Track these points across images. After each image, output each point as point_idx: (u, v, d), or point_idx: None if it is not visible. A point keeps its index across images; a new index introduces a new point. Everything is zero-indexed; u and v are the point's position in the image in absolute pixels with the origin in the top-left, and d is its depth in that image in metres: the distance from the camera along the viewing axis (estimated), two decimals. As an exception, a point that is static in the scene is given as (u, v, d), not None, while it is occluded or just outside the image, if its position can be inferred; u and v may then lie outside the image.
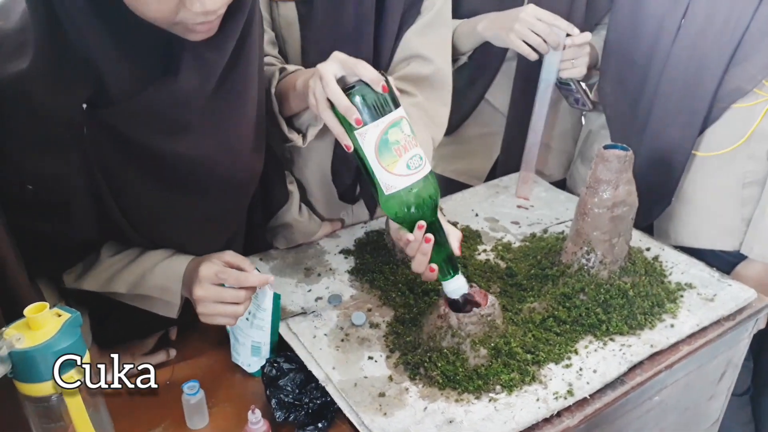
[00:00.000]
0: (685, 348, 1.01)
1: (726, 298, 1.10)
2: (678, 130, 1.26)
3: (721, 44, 1.17)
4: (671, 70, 1.24)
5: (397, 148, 0.87)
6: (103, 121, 0.82)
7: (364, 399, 0.89)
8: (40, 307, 0.70)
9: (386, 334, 1.02)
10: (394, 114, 0.86)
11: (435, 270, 0.93)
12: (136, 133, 0.84)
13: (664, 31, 1.25)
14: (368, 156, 0.87)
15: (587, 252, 1.06)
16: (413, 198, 0.89)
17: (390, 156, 0.87)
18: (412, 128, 0.90)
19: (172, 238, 0.98)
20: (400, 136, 0.87)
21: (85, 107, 0.80)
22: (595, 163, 1.04)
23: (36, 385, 0.69)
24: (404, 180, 0.88)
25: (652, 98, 1.29)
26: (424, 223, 0.90)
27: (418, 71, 1.18)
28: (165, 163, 0.88)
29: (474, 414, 0.87)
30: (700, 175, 1.29)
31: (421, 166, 0.89)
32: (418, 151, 0.89)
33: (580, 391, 0.91)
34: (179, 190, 0.92)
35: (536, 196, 1.45)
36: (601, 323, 1.02)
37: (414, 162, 0.88)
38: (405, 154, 0.87)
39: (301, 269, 1.18)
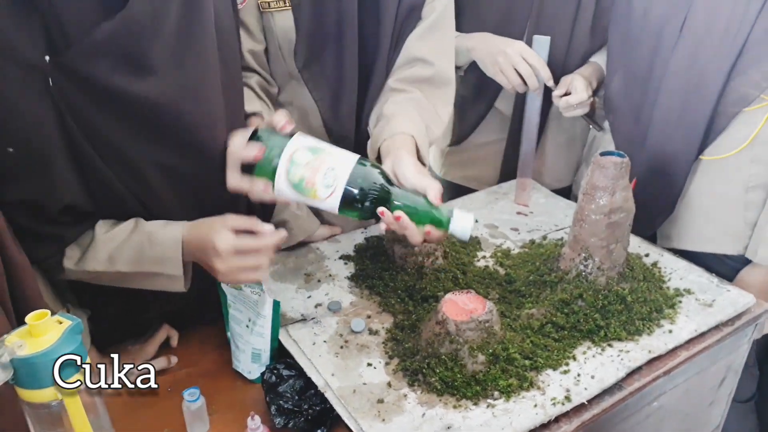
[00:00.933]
0: (684, 353, 1.02)
1: (725, 304, 1.10)
2: (680, 141, 1.26)
3: (722, 54, 1.18)
4: (670, 80, 1.25)
5: (307, 181, 0.92)
6: (65, 68, 0.82)
7: (362, 405, 0.90)
8: (42, 314, 0.71)
9: (385, 341, 1.02)
10: (284, 158, 0.92)
11: (431, 231, 0.95)
12: (98, 74, 0.83)
13: (664, 40, 1.25)
14: (299, 200, 0.95)
15: (585, 258, 1.07)
16: (356, 199, 0.93)
17: (308, 190, 0.93)
18: (312, 148, 0.94)
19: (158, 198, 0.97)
20: (302, 170, 0.92)
21: (48, 59, 0.81)
22: (591, 170, 1.05)
23: (37, 391, 0.69)
24: (333, 198, 0.93)
25: (652, 109, 1.29)
26: (382, 209, 0.93)
27: (418, 74, 1.20)
28: (131, 109, 0.88)
29: (472, 420, 0.87)
30: (704, 179, 1.29)
31: (336, 177, 0.92)
32: (326, 167, 0.92)
33: (578, 396, 0.91)
34: (149, 140, 0.91)
35: (535, 203, 1.45)
36: (599, 329, 1.02)
37: (328, 180, 0.92)
38: (317, 179, 0.92)
39: (301, 275, 1.19)
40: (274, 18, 1.13)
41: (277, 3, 1.12)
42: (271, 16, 1.13)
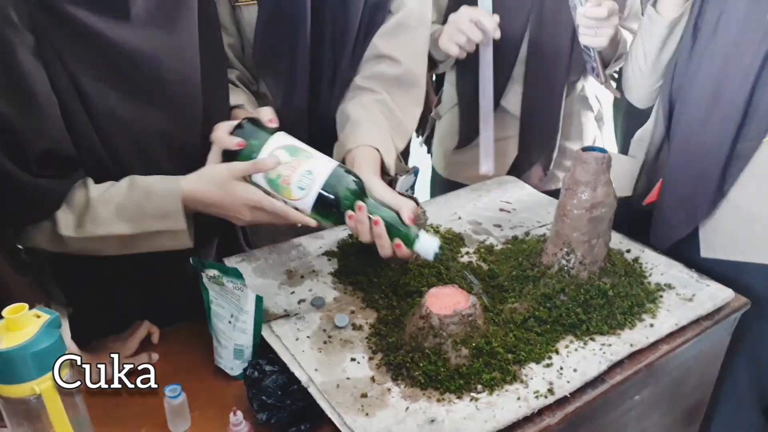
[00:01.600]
0: (665, 347, 1.03)
1: (704, 298, 1.11)
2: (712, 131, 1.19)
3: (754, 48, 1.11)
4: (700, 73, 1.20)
5: (283, 180, 0.94)
6: (46, 5, 0.82)
7: (346, 400, 0.89)
8: (19, 308, 0.70)
9: (369, 336, 1.02)
10: (263, 153, 0.94)
11: (401, 245, 0.96)
12: (77, 12, 0.83)
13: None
14: (275, 196, 0.95)
15: (567, 253, 1.07)
16: (329, 205, 0.95)
17: (282, 189, 0.95)
18: (292, 148, 0.95)
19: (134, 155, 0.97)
20: (279, 169, 0.94)
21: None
22: (573, 165, 1.05)
23: (15, 386, 0.69)
24: (307, 199, 0.94)
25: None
26: (351, 213, 0.95)
27: (385, 71, 1.19)
28: (110, 54, 0.87)
29: (455, 413, 0.87)
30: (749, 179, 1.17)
31: (313, 180, 0.94)
32: (302, 169, 0.94)
33: (561, 389, 0.92)
34: (126, 89, 0.91)
35: (518, 200, 1.46)
36: (581, 323, 1.03)
37: (304, 181, 0.94)
38: (293, 180, 0.94)
39: (284, 271, 1.18)
40: (242, 12, 1.13)
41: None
42: (240, 11, 1.13)
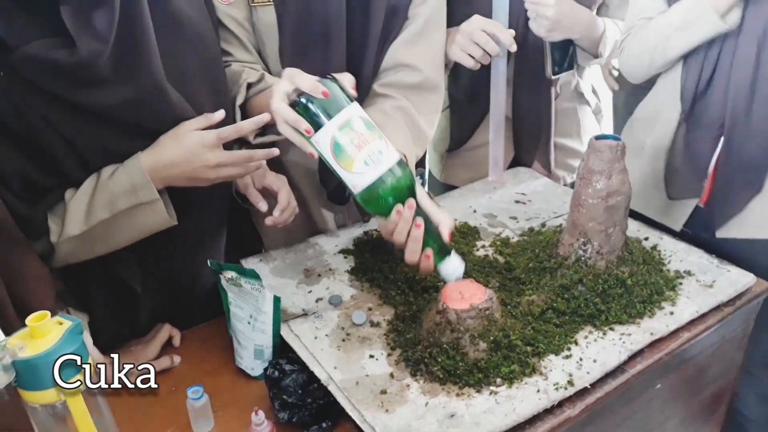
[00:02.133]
0: (686, 335, 1.02)
1: (724, 284, 1.10)
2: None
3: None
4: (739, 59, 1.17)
5: (351, 148, 0.90)
6: (12, 69, 0.83)
7: (365, 397, 0.90)
8: (42, 315, 0.71)
9: (387, 332, 1.03)
10: (342, 116, 0.90)
11: (430, 256, 0.95)
12: (44, 84, 0.85)
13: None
14: (328, 160, 0.92)
15: (584, 243, 1.07)
16: (380, 191, 0.92)
17: (346, 157, 0.90)
18: (369, 122, 0.92)
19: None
20: (353, 136, 0.90)
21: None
22: (587, 154, 1.04)
23: (40, 392, 0.70)
24: (366, 177, 0.91)
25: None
26: (402, 205, 0.92)
27: (405, 80, 1.19)
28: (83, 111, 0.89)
29: (475, 407, 0.88)
30: None
31: (380, 161, 0.91)
32: (376, 146, 0.91)
33: (581, 381, 0.91)
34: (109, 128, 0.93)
35: (533, 191, 1.45)
36: (600, 313, 1.02)
37: (372, 158, 0.91)
38: (360, 152, 0.90)
39: (301, 270, 1.19)
40: (257, 12, 1.13)
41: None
42: (255, 11, 1.13)
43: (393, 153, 0.93)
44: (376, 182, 0.92)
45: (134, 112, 0.93)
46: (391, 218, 0.94)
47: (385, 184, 0.92)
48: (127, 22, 0.87)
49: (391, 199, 0.93)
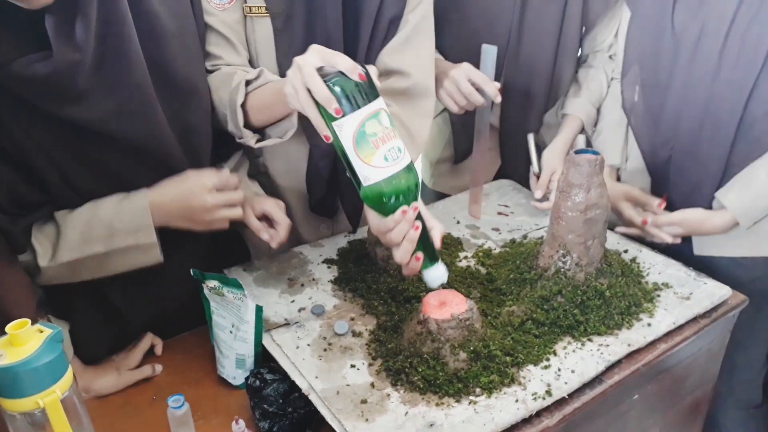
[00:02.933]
0: (662, 346, 1.04)
1: (701, 297, 1.12)
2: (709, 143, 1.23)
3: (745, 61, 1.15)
4: (693, 87, 1.22)
5: (374, 140, 0.88)
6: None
7: (346, 406, 0.90)
8: (22, 323, 0.71)
9: (369, 342, 1.03)
10: (372, 105, 0.87)
11: (421, 258, 0.94)
12: (28, 97, 0.86)
13: (683, 51, 1.23)
14: (346, 147, 0.88)
15: (563, 255, 1.08)
16: (391, 189, 0.90)
17: (368, 148, 0.88)
18: (392, 120, 0.91)
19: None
20: (378, 128, 0.88)
21: None
22: (566, 168, 1.06)
23: (19, 400, 0.70)
24: (382, 172, 0.89)
25: (676, 118, 1.27)
26: (407, 207, 0.91)
27: (394, 85, 1.21)
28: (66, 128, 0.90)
29: (454, 417, 0.88)
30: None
31: (399, 158, 0.90)
32: (397, 143, 0.90)
33: (559, 391, 0.92)
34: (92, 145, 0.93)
35: (516, 203, 1.47)
36: (578, 324, 1.04)
37: (392, 154, 0.89)
38: (383, 146, 0.88)
39: (285, 280, 1.20)
40: (254, 23, 1.13)
41: (258, 9, 1.12)
42: (252, 21, 1.13)
43: (408, 155, 0.92)
44: (389, 179, 0.90)
45: (121, 126, 0.93)
46: (394, 217, 0.92)
47: (397, 182, 0.91)
48: (106, 31, 0.88)
49: (398, 199, 0.92)
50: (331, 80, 0.86)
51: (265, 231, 1.12)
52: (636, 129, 1.35)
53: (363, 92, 0.87)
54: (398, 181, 0.90)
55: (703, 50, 1.20)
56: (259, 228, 1.12)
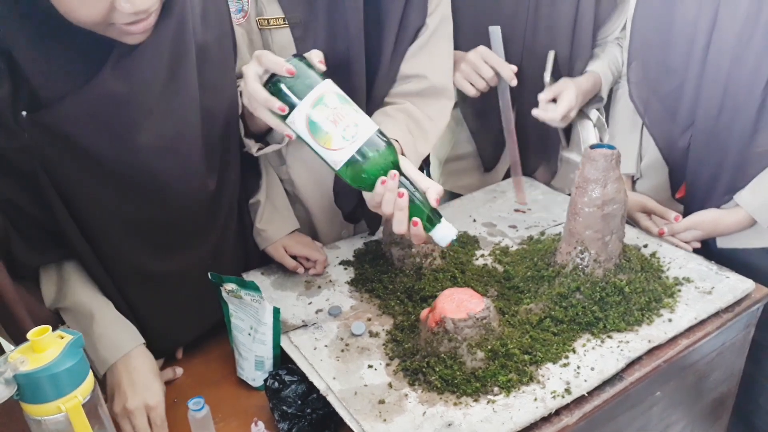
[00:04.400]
0: (684, 342, 1.02)
1: (724, 290, 1.10)
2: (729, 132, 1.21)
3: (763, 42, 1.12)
4: (711, 75, 1.20)
5: (326, 124, 0.89)
6: (41, 125, 0.85)
7: (364, 407, 0.91)
8: (43, 330, 0.72)
9: (385, 342, 1.03)
10: (314, 92, 0.89)
11: (419, 223, 0.93)
12: (73, 136, 0.86)
13: (699, 34, 1.20)
14: (306, 139, 0.91)
15: (581, 251, 1.07)
16: (361, 164, 0.91)
17: (323, 133, 0.89)
18: (342, 96, 0.91)
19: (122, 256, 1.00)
20: (327, 112, 0.89)
21: (24, 115, 0.84)
22: (582, 163, 1.05)
23: (41, 405, 0.71)
24: (344, 152, 0.90)
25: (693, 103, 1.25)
26: (385, 176, 0.91)
27: (411, 89, 1.21)
28: (106, 166, 0.90)
29: (472, 416, 0.88)
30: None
31: (356, 135, 0.90)
32: (353, 119, 0.90)
33: (578, 389, 0.92)
34: (122, 194, 0.94)
35: (533, 199, 1.46)
36: (597, 321, 1.03)
37: (349, 132, 0.90)
38: (336, 127, 0.89)
39: (302, 282, 1.20)
40: (272, 35, 1.13)
41: (275, 21, 1.12)
42: (270, 34, 1.13)
43: (370, 124, 0.92)
44: (356, 155, 0.90)
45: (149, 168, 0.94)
46: (376, 190, 0.92)
47: (367, 156, 0.91)
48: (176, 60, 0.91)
49: (375, 171, 0.92)
50: (269, 82, 0.90)
51: (300, 267, 1.22)
52: (651, 122, 1.33)
53: (301, 84, 0.89)
54: (365, 155, 0.91)
55: (719, 33, 1.17)
56: (295, 266, 1.21)
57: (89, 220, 0.94)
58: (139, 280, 1.03)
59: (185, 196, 0.99)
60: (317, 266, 1.21)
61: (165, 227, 1.01)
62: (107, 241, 0.97)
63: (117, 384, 0.97)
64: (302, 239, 1.24)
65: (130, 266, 1.01)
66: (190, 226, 1.04)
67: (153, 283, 1.04)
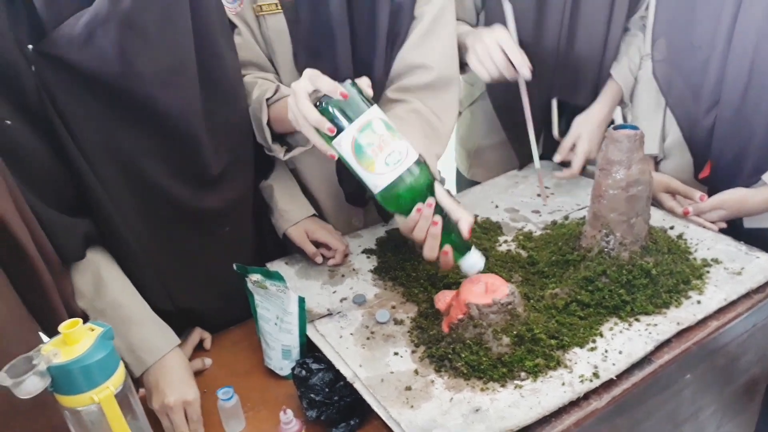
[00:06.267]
0: (714, 323, 1.00)
1: (754, 271, 1.08)
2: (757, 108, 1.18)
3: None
4: (737, 51, 1.18)
5: (371, 149, 0.92)
6: (47, 56, 0.86)
7: (390, 394, 0.91)
8: (74, 323, 0.74)
9: (410, 330, 1.04)
10: (363, 117, 0.91)
11: (449, 252, 0.96)
12: (79, 63, 0.88)
13: (725, 10, 1.18)
14: (349, 161, 0.93)
15: (606, 234, 1.06)
16: (399, 191, 0.94)
17: (367, 158, 0.92)
18: (388, 124, 0.93)
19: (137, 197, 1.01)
20: (373, 138, 0.92)
21: (31, 48, 0.86)
22: (605, 145, 1.04)
23: (75, 396, 0.73)
24: (386, 177, 0.93)
25: (718, 81, 1.23)
26: (422, 202, 0.94)
27: (418, 81, 1.19)
28: (111, 94, 0.92)
29: (500, 402, 0.88)
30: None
31: (400, 161, 0.93)
32: (395, 147, 0.93)
33: (606, 372, 0.91)
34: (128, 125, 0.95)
35: (556, 184, 1.44)
36: (625, 304, 1.01)
37: (392, 158, 0.93)
38: (381, 153, 0.92)
39: (326, 271, 1.21)
40: (267, 21, 1.14)
41: (269, 6, 1.13)
42: (264, 20, 1.14)
43: (412, 153, 0.95)
44: (396, 181, 0.93)
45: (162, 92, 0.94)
46: (412, 216, 0.95)
47: (405, 183, 0.94)
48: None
49: (411, 198, 0.95)
50: (320, 103, 0.92)
51: (320, 255, 1.22)
52: (674, 101, 1.31)
53: (352, 108, 0.91)
54: (404, 182, 0.94)
55: (746, 9, 1.14)
56: (315, 253, 1.22)
57: (100, 167, 0.96)
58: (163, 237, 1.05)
59: (186, 132, 1.00)
60: (337, 256, 1.21)
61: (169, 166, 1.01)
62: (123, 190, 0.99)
63: (155, 383, 1.00)
64: (325, 225, 1.25)
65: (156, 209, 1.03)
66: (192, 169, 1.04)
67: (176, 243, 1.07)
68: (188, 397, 0.98)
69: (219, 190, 1.08)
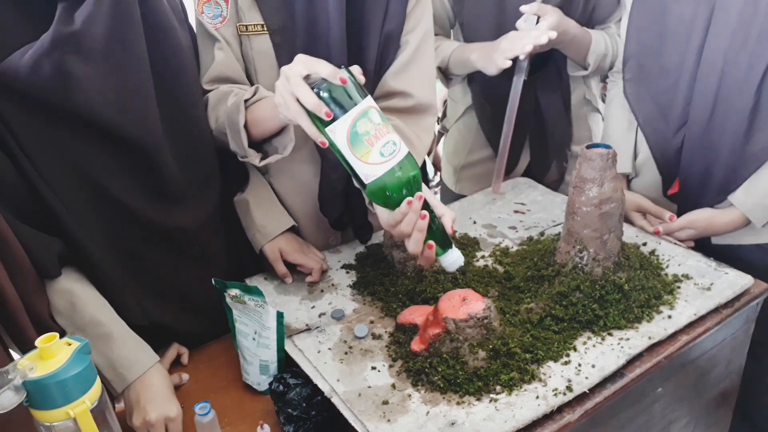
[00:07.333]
0: (684, 338, 1.03)
1: (723, 286, 1.11)
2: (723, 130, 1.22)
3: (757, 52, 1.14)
4: (704, 76, 1.22)
5: (368, 138, 0.90)
6: (5, 84, 0.87)
7: (368, 408, 0.92)
8: (51, 337, 0.74)
9: (388, 344, 1.05)
10: (361, 105, 0.90)
11: (433, 247, 0.97)
12: (30, 90, 0.89)
13: (693, 35, 1.22)
14: (342, 149, 0.91)
15: (580, 250, 1.08)
16: (392, 182, 0.93)
17: (363, 147, 0.90)
18: (382, 116, 0.93)
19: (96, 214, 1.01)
20: (370, 126, 0.90)
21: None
22: (579, 163, 1.06)
23: (50, 411, 0.72)
24: (380, 168, 0.92)
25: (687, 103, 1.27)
26: (410, 197, 0.93)
27: (397, 105, 1.22)
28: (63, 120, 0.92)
29: (475, 415, 0.89)
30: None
31: (395, 153, 0.92)
32: (391, 138, 0.92)
33: (579, 386, 0.93)
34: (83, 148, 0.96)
35: (533, 200, 1.47)
36: (598, 319, 1.04)
37: (387, 149, 0.91)
38: (377, 142, 0.91)
39: (305, 286, 1.21)
40: (251, 41, 1.14)
41: (254, 27, 1.13)
42: (248, 40, 1.15)
43: (404, 146, 0.94)
44: (389, 173, 0.92)
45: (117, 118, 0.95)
46: (401, 209, 0.94)
47: (398, 175, 0.93)
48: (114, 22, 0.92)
49: (402, 191, 0.94)
50: (319, 86, 0.89)
51: (290, 276, 1.23)
52: (644, 120, 1.34)
53: (349, 94, 0.89)
54: (398, 173, 0.93)
55: (714, 34, 1.19)
56: (285, 274, 1.22)
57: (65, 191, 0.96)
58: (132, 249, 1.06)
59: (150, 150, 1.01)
60: (314, 274, 1.21)
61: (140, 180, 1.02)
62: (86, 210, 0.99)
63: (136, 399, 0.99)
64: (302, 245, 1.25)
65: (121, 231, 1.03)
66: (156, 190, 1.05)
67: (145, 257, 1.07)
68: (170, 414, 0.98)
69: (185, 208, 1.09)
